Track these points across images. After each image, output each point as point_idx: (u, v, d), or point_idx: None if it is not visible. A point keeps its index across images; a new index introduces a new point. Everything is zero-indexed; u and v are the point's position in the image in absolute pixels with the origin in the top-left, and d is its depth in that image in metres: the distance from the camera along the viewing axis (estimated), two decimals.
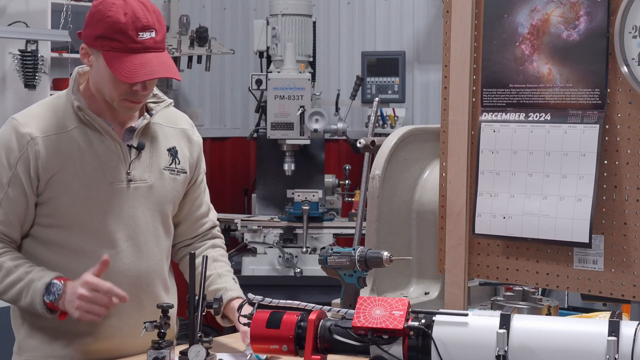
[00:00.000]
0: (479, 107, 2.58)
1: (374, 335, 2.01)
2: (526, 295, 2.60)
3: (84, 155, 2.39)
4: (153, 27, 2.33)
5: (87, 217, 2.39)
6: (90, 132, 2.41)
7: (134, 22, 2.30)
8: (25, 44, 4.81)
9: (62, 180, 2.37)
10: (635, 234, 2.34)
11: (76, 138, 2.39)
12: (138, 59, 2.31)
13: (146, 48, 2.32)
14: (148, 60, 2.32)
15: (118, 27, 2.30)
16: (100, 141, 2.41)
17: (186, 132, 2.60)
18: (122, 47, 2.31)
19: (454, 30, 2.61)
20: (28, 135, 2.36)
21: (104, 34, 2.32)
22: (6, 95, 5.01)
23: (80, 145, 2.39)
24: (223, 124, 6.45)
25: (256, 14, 6.27)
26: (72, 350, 2.42)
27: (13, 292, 2.35)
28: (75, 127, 2.40)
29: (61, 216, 2.39)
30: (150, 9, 2.34)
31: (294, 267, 5.18)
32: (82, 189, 2.38)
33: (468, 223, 2.59)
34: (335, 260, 2.44)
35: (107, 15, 2.31)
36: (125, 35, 2.30)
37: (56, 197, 2.37)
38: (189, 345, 2.18)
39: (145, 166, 2.47)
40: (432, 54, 6.01)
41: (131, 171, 2.44)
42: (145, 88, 2.36)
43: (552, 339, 1.90)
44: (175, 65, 2.53)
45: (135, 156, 2.45)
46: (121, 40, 2.30)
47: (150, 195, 2.47)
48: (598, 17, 2.36)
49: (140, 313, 2.45)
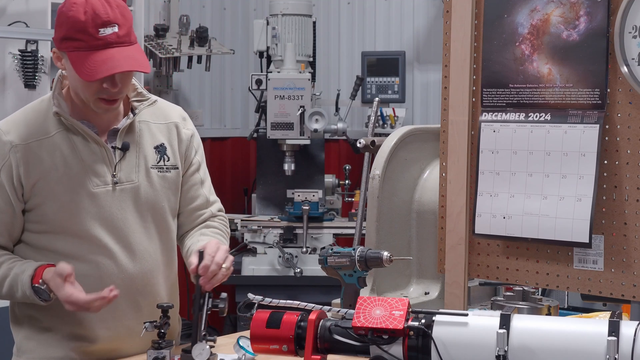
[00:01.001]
0: (479, 107, 2.58)
1: (374, 335, 2.01)
2: (526, 295, 2.60)
3: (67, 160, 2.37)
4: (115, 21, 2.29)
5: (74, 222, 2.37)
6: (73, 136, 2.38)
7: (94, 18, 2.27)
8: (25, 44, 4.80)
9: (45, 187, 2.35)
10: (635, 234, 2.34)
11: (59, 143, 2.37)
12: (100, 55, 2.28)
13: (108, 44, 2.28)
14: (111, 56, 2.28)
15: (78, 26, 2.28)
16: (84, 145, 2.39)
17: (176, 125, 2.56)
18: (84, 46, 2.28)
19: (454, 30, 2.61)
20: (9, 144, 2.35)
21: (66, 35, 2.30)
22: (6, 95, 5.01)
23: (63, 151, 2.37)
24: (223, 124, 6.45)
25: (256, 14, 6.27)
26: (71, 351, 2.42)
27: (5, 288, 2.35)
28: (57, 132, 2.38)
29: (49, 222, 2.37)
30: (113, 4, 2.31)
31: (294, 267, 5.18)
32: (66, 193, 2.36)
33: (468, 223, 2.59)
34: (335, 260, 2.44)
35: (68, 15, 2.29)
36: (86, 33, 2.27)
37: (42, 203, 2.36)
38: (192, 344, 2.18)
39: (132, 167, 2.44)
40: (432, 54, 6.01)
41: (117, 173, 2.41)
42: (115, 85, 2.32)
43: (552, 339, 1.90)
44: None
45: (121, 157, 2.43)
46: (82, 39, 2.28)
47: (138, 196, 2.44)
48: (598, 17, 2.36)
49: (137, 314, 2.44)
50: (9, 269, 2.34)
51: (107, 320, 2.42)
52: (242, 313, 2.23)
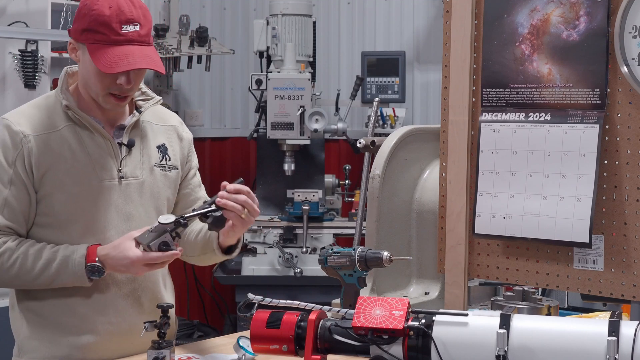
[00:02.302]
0: (479, 107, 2.58)
1: (374, 335, 2.01)
2: (526, 295, 2.60)
3: (75, 153, 2.41)
4: (137, 20, 2.35)
5: (81, 214, 2.41)
6: (81, 130, 2.43)
7: (118, 15, 2.33)
8: (25, 44, 4.81)
9: (54, 177, 2.39)
10: (635, 234, 2.34)
11: (67, 137, 2.41)
12: (120, 50, 2.33)
13: (129, 41, 2.34)
14: (130, 52, 2.34)
15: (102, 20, 2.33)
16: (91, 139, 2.43)
17: (176, 129, 2.62)
18: (105, 40, 2.33)
19: (454, 30, 2.61)
20: (21, 133, 2.39)
21: (88, 27, 2.35)
22: (6, 95, 5.01)
23: (71, 144, 2.41)
24: (223, 124, 6.45)
25: (256, 14, 6.27)
26: (73, 350, 2.43)
27: (52, 271, 2.36)
28: (65, 126, 2.42)
29: (56, 214, 2.40)
30: (136, 4, 2.37)
31: (294, 267, 5.18)
32: (74, 185, 2.40)
33: (468, 223, 2.59)
34: (335, 260, 2.44)
35: (92, 9, 2.34)
36: (109, 28, 2.33)
37: (50, 194, 2.39)
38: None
39: (137, 163, 2.49)
40: (432, 54, 6.01)
41: (122, 168, 2.46)
42: (129, 82, 2.37)
43: (552, 339, 1.90)
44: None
45: (126, 153, 2.47)
46: (105, 32, 2.33)
47: (142, 192, 2.48)
48: (598, 17, 2.36)
49: (139, 310, 2.47)
50: (54, 252, 2.36)
51: (109, 314, 2.44)
52: (242, 313, 2.23)
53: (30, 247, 2.38)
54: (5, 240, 2.37)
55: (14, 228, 2.40)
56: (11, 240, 2.38)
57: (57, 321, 2.43)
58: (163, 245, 2.29)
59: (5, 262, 2.36)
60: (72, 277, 2.35)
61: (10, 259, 2.36)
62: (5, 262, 2.36)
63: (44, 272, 2.36)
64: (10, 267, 2.36)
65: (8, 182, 2.38)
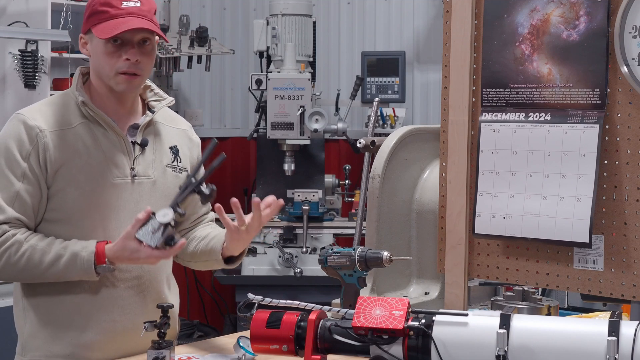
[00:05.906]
0: (479, 107, 2.58)
1: (374, 335, 2.01)
2: (526, 295, 2.60)
3: (89, 150, 2.43)
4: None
5: (92, 211, 2.42)
6: (95, 127, 2.45)
7: None
8: (25, 44, 4.81)
9: (68, 173, 2.40)
10: (635, 234, 2.34)
11: (81, 134, 2.43)
12: (121, 20, 2.39)
13: (130, 13, 2.40)
14: (129, 20, 2.39)
15: (104, 1, 2.40)
16: (105, 137, 2.45)
17: (186, 133, 2.65)
18: (107, 17, 2.39)
19: (454, 30, 2.61)
20: (37, 128, 2.40)
21: (92, 11, 2.42)
22: (6, 95, 5.02)
23: (86, 141, 2.43)
24: (223, 124, 6.45)
25: (256, 14, 6.27)
26: (76, 348, 2.43)
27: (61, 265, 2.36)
28: (79, 123, 2.44)
29: (67, 210, 2.41)
30: None
31: (294, 267, 5.18)
32: (87, 182, 2.41)
33: (468, 223, 2.59)
34: (335, 260, 2.45)
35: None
36: (110, 6, 2.40)
37: (63, 190, 2.40)
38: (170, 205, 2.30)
39: (149, 162, 2.50)
40: (432, 54, 6.01)
41: (135, 167, 2.47)
42: (134, 55, 2.40)
43: (552, 339, 1.90)
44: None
45: (139, 152, 2.49)
46: (107, 10, 2.39)
47: (154, 191, 2.50)
48: (598, 17, 2.36)
49: (143, 308, 2.48)
50: (63, 247, 2.37)
51: (114, 313, 2.45)
52: (242, 313, 2.24)
53: (39, 241, 2.38)
54: (14, 232, 2.37)
55: (23, 221, 2.40)
56: (20, 232, 2.38)
57: (62, 318, 2.43)
58: (169, 240, 2.31)
59: (13, 255, 2.36)
60: (81, 273, 2.36)
61: (18, 252, 2.36)
62: (13, 255, 2.36)
63: (52, 267, 2.36)
64: (18, 260, 2.36)
65: (21, 175, 2.38)
